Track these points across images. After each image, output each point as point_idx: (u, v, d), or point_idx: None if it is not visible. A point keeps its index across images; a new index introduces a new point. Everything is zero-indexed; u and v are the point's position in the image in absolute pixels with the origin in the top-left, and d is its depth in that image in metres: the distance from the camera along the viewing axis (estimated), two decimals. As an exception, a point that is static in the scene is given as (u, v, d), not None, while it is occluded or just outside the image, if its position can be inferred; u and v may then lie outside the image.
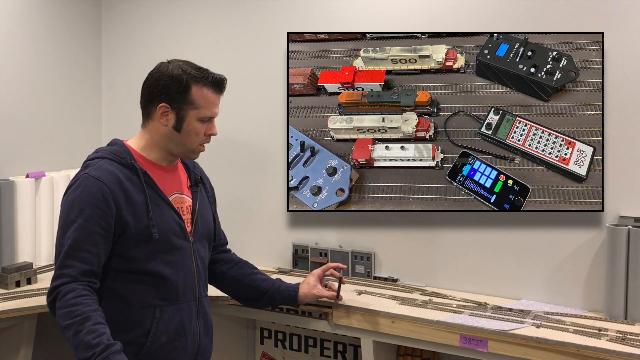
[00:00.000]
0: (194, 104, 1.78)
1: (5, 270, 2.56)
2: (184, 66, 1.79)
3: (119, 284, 1.74)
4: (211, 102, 1.81)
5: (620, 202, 2.31)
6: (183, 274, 1.81)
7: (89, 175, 1.71)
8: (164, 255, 1.77)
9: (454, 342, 2.17)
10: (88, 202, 1.67)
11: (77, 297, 1.61)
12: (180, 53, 3.11)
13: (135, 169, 1.76)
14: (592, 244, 2.36)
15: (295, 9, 2.89)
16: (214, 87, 1.82)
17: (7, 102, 2.89)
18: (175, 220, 1.81)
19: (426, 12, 2.61)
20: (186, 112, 1.78)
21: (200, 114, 1.80)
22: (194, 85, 1.77)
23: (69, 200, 1.71)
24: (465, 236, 2.58)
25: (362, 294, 2.51)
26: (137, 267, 1.74)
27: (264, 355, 3.04)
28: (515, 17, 2.46)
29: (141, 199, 1.74)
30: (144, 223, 1.73)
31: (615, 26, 2.29)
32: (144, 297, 1.74)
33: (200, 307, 1.88)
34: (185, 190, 1.91)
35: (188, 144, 1.82)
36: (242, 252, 2.37)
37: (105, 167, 1.73)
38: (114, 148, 1.81)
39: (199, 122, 1.80)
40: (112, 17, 3.37)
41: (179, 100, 1.77)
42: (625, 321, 2.19)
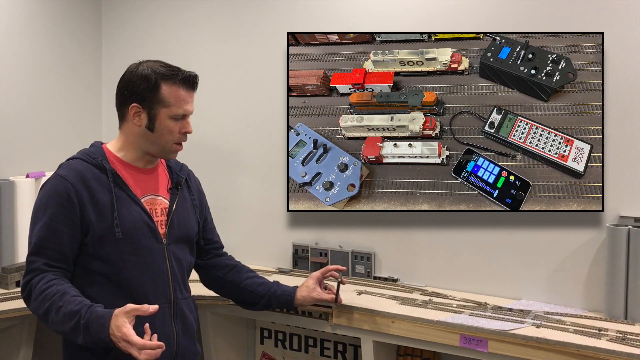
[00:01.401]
0: (165, 102, 1.77)
1: (5, 270, 2.56)
2: (153, 65, 1.79)
3: (86, 284, 1.74)
4: (182, 99, 1.79)
5: (620, 202, 2.31)
6: (152, 275, 1.80)
7: (57, 174, 1.75)
8: (130, 256, 1.76)
9: (454, 342, 2.17)
10: (53, 201, 1.70)
11: (48, 281, 1.65)
12: (180, 54, 3.12)
13: (104, 169, 1.77)
14: (592, 244, 2.36)
15: (296, 9, 2.89)
16: (184, 84, 1.80)
17: (7, 102, 2.89)
18: (144, 221, 1.80)
19: (429, 12, 2.62)
20: (158, 111, 1.78)
21: (172, 111, 1.78)
22: (163, 83, 1.77)
23: (38, 199, 1.75)
24: (465, 236, 2.58)
25: (362, 294, 2.51)
26: (104, 268, 1.75)
27: (264, 355, 3.04)
28: (516, 18, 2.47)
29: (107, 198, 1.74)
30: (108, 222, 1.73)
31: (616, 26, 2.30)
32: (110, 298, 1.72)
33: (177, 309, 1.86)
34: (162, 192, 1.89)
35: (162, 143, 1.81)
36: (242, 252, 2.37)
37: (74, 166, 1.76)
38: (89, 149, 1.84)
39: (172, 121, 1.79)
40: (112, 18, 3.37)
41: (150, 99, 1.77)
42: (625, 321, 2.20)
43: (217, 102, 3.07)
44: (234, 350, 3.00)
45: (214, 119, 3.07)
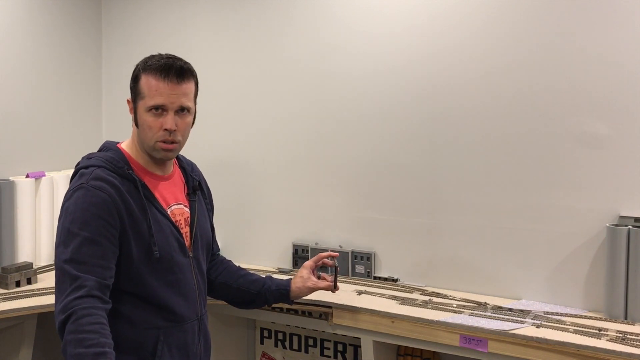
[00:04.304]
0: (141, 93, 1.63)
1: (5, 270, 2.56)
2: (147, 57, 1.67)
3: (121, 304, 1.60)
4: (154, 89, 1.60)
5: (620, 202, 2.31)
6: (185, 292, 1.69)
7: (88, 186, 1.56)
8: (166, 274, 1.64)
9: (454, 342, 2.17)
10: (92, 214, 1.53)
11: (94, 323, 1.45)
12: (180, 52, 3.11)
13: (134, 180, 1.62)
14: (592, 244, 2.36)
15: (296, 9, 2.89)
16: (159, 72, 1.61)
17: (7, 102, 2.89)
18: (174, 236, 1.67)
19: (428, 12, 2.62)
20: (138, 104, 1.64)
21: (146, 103, 1.61)
22: (142, 74, 1.63)
23: (69, 213, 1.55)
24: (465, 236, 2.58)
25: (362, 294, 2.51)
26: (139, 288, 1.61)
27: (264, 355, 3.04)
28: (518, 18, 2.46)
29: (142, 213, 1.60)
30: (145, 240, 1.60)
31: (616, 26, 2.29)
32: (146, 318, 1.62)
33: (202, 325, 1.75)
34: (182, 200, 1.75)
35: (145, 140, 1.64)
36: (242, 252, 2.38)
37: (103, 176, 1.58)
38: (109, 155, 1.65)
39: (149, 114, 1.61)
40: (112, 17, 3.37)
41: (133, 91, 1.66)
42: (625, 321, 2.19)
43: (216, 102, 3.07)
44: (234, 350, 3.00)
45: (213, 118, 3.07)
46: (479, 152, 2.53)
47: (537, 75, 2.40)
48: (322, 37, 2.83)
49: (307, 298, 2.15)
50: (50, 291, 2.50)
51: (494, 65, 2.48)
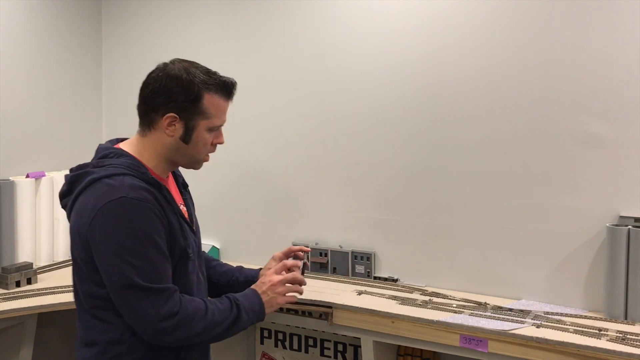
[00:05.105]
0: (206, 113, 1.59)
1: (5, 270, 2.56)
2: (192, 69, 1.58)
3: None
4: (222, 110, 1.63)
5: (620, 202, 2.31)
6: (203, 293, 1.71)
7: (128, 198, 1.48)
8: (191, 275, 1.64)
9: (454, 342, 2.17)
10: (148, 227, 1.49)
11: (190, 301, 1.54)
12: (180, 53, 3.10)
13: (159, 186, 1.56)
14: (592, 244, 2.36)
15: (297, 9, 2.89)
16: (226, 93, 1.63)
17: (7, 102, 2.89)
18: (192, 236, 1.67)
19: (428, 12, 2.62)
20: (197, 123, 1.59)
21: (212, 123, 1.61)
22: (206, 93, 1.57)
23: (122, 230, 1.47)
24: (465, 236, 2.58)
25: (362, 294, 2.51)
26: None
27: (264, 355, 3.04)
28: (518, 18, 2.46)
29: (174, 217, 1.58)
30: (180, 244, 1.58)
31: (616, 26, 2.30)
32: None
33: None
34: (179, 198, 1.74)
35: (195, 155, 1.64)
36: (242, 252, 2.38)
37: (138, 185, 1.52)
38: (126, 161, 1.57)
39: (209, 132, 1.62)
40: (112, 17, 3.37)
41: (189, 110, 1.57)
42: (625, 321, 2.19)
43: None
44: (234, 350, 3.00)
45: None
46: (479, 153, 2.53)
47: (537, 76, 2.41)
48: (322, 38, 2.83)
49: (307, 298, 2.16)
50: (50, 291, 2.51)
51: (494, 66, 2.48)
